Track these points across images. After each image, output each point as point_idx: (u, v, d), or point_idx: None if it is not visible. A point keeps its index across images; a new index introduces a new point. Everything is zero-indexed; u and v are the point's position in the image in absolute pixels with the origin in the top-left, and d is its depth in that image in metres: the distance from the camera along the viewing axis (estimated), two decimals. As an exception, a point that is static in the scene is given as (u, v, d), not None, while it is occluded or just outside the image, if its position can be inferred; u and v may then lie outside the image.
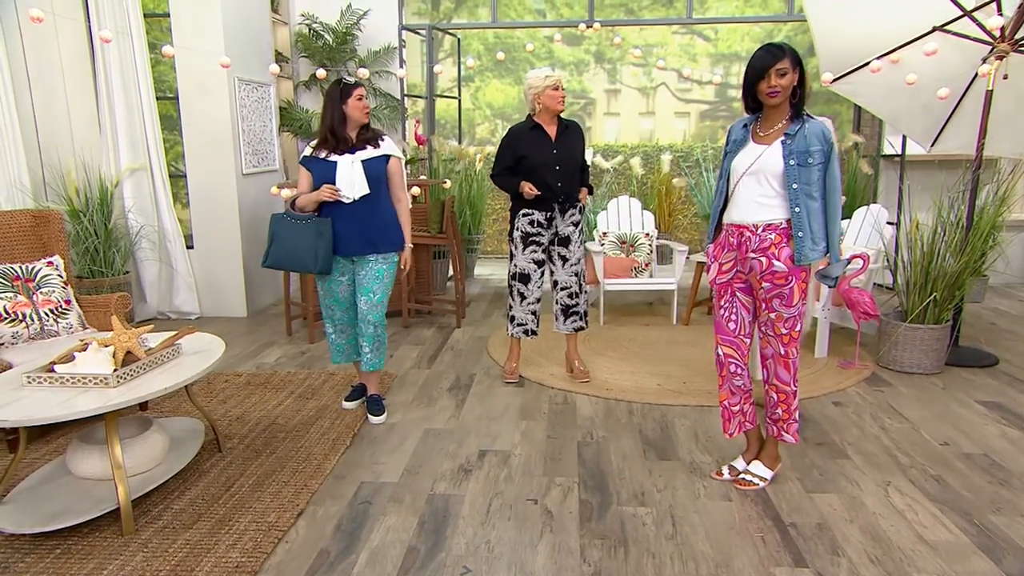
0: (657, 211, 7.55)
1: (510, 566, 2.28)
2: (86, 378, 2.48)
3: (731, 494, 2.74)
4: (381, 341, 3.44)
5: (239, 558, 2.31)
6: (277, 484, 2.81)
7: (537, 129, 3.75)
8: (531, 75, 3.73)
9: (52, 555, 2.31)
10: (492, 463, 3.02)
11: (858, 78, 4.76)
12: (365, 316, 3.36)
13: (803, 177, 2.49)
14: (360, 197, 3.26)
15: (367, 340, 3.40)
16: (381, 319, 3.40)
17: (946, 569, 2.24)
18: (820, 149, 2.49)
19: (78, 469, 2.60)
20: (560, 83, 3.66)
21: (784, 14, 6.88)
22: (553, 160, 3.73)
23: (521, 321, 3.96)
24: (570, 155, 3.78)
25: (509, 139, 3.83)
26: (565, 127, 3.79)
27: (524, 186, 3.68)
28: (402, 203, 3.46)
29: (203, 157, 5.36)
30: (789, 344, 2.64)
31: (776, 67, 2.44)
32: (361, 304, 3.37)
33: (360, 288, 3.37)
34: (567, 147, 3.77)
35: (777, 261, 2.55)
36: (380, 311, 3.38)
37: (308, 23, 6.22)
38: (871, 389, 3.89)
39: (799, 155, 2.48)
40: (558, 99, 3.66)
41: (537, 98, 3.69)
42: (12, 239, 3.65)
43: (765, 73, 2.45)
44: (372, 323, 3.37)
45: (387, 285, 3.40)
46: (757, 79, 2.49)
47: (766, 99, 2.49)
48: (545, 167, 3.72)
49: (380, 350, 3.46)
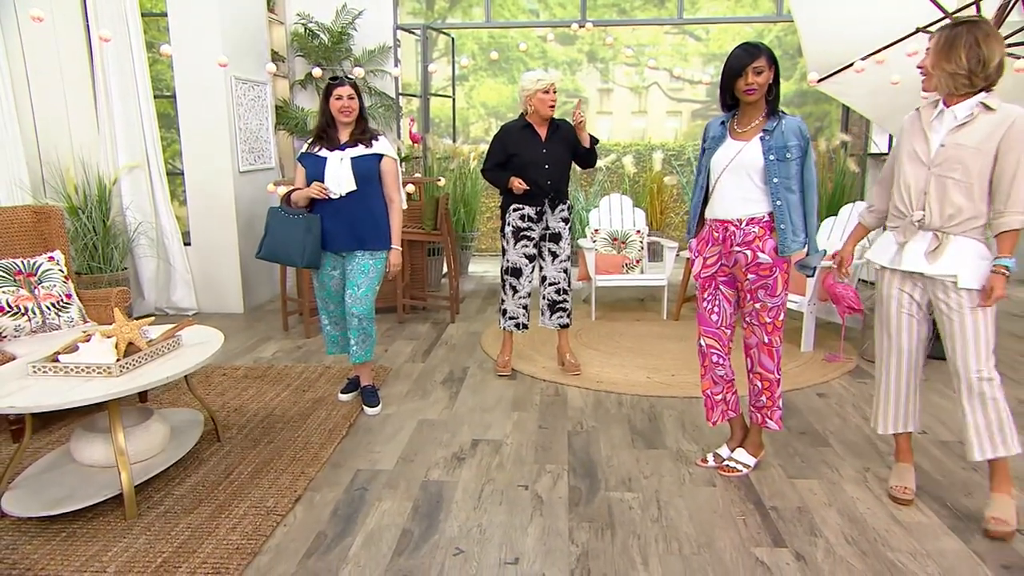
0: (648, 209, 7.66)
1: (501, 547, 2.37)
2: (90, 367, 2.56)
3: (715, 480, 2.83)
4: (367, 333, 3.51)
5: (239, 540, 2.39)
6: (275, 472, 2.90)
7: (528, 128, 3.84)
8: (525, 77, 3.82)
9: (58, 538, 2.39)
10: (484, 452, 3.11)
11: (844, 78, 4.86)
12: (349, 309, 3.43)
13: (782, 171, 2.59)
14: (348, 194, 3.34)
15: (353, 333, 3.48)
16: (366, 312, 3.45)
17: (918, 548, 2.34)
18: (797, 144, 2.58)
19: (82, 456, 2.68)
20: (552, 87, 3.74)
21: (773, 15, 6.99)
22: (542, 158, 3.82)
23: (513, 315, 4.04)
24: (560, 153, 3.86)
25: (500, 136, 3.92)
26: (556, 127, 3.87)
27: (513, 181, 3.77)
28: (395, 203, 3.51)
29: (200, 155, 5.43)
30: (773, 332, 2.74)
31: (753, 65, 2.53)
32: (346, 297, 3.44)
33: (347, 281, 3.46)
34: (557, 146, 3.85)
35: (762, 253, 2.64)
36: (365, 304, 3.43)
37: (304, 22, 6.29)
38: (854, 381, 3.99)
39: (777, 150, 2.58)
40: (548, 103, 3.74)
41: (529, 100, 3.77)
42: (14, 234, 3.72)
43: (742, 71, 2.55)
44: (356, 316, 3.43)
45: (372, 279, 3.45)
46: (734, 77, 2.58)
47: (743, 96, 2.59)
48: (534, 165, 3.81)
49: (367, 343, 3.53)
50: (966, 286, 2.36)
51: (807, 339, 4.50)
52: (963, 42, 2.29)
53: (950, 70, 2.32)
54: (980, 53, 2.27)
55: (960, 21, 2.35)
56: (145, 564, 2.25)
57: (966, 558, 2.28)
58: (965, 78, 2.31)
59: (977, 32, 2.29)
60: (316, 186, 3.33)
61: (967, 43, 2.28)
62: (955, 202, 2.36)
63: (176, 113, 5.45)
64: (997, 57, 2.28)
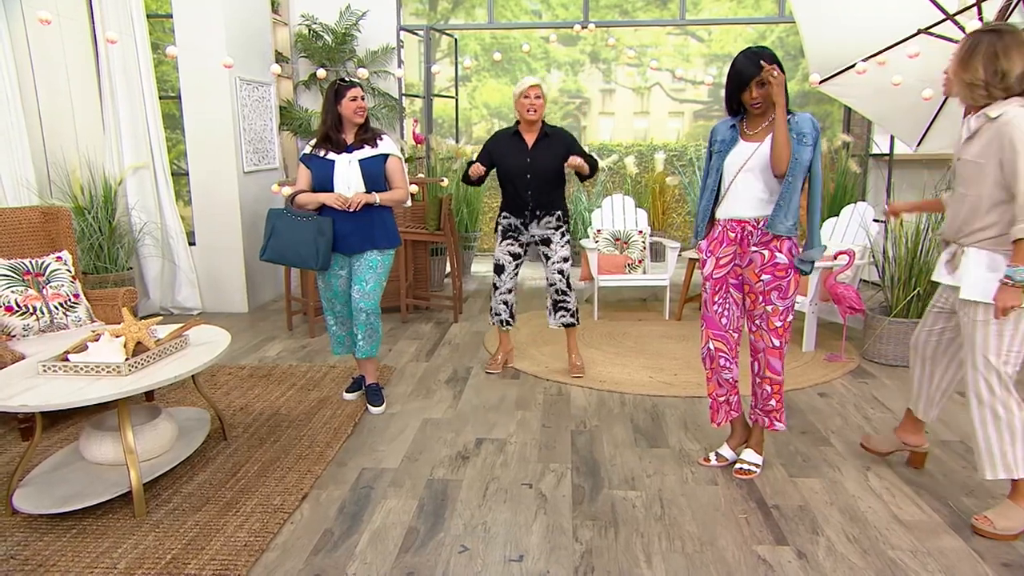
0: (650, 209, 7.69)
1: (506, 544, 2.40)
2: (99, 366, 2.59)
3: (717, 479, 2.86)
4: (374, 328, 3.55)
5: (247, 537, 2.42)
6: (281, 470, 2.92)
7: (516, 136, 3.86)
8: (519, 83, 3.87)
9: (68, 535, 2.42)
10: (488, 450, 3.14)
11: (845, 79, 4.88)
12: (357, 304, 3.46)
13: (797, 152, 2.57)
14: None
15: (360, 327, 3.51)
16: (373, 307, 3.49)
17: (918, 546, 2.37)
18: (811, 133, 2.58)
19: (91, 454, 2.71)
20: (532, 90, 3.72)
21: (775, 16, 7.01)
22: (525, 168, 3.82)
23: (496, 311, 4.10)
24: (545, 165, 3.83)
25: (489, 141, 3.99)
26: (545, 135, 3.84)
27: (472, 169, 3.79)
28: (403, 191, 3.51)
29: (205, 155, 5.46)
30: (782, 335, 2.75)
31: (756, 79, 2.55)
32: (354, 292, 3.47)
33: (354, 278, 3.48)
34: (543, 156, 3.82)
35: (780, 254, 2.66)
36: (372, 300, 3.48)
37: (308, 24, 6.32)
38: (856, 381, 4.01)
39: (795, 135, 2.57)
40: (527, 107, 3.75)
41: (516, 107, 3.84)
42: (22, 235, 3.75)
43: (746, 85, 2.57)
44: (364, 311, 3.47)
45: (380, 275, 3.49)
46: (739, 89, 2.60)
47: (750, 108, 2.62)
48: (517, 175, 3.84)
49: (373, 338, 3.56)
50: (966, 297, 2.36)
51: (809, 339, 4.52)
52: (982, 52, 2.25)
53: (967, 80, 2.30)
54: (998, 65, 2.23)
55: (986, 29, 2.32)
56: (155, 560, 2.28)
57: (966, 556, 2.31)
58: (982, 89, 2.28)
59: (998, 43, 2.24)
60: (337, 198, 3.33)
61: (986, 54, 2.25)
62: (962, 214, 2.37)
63: (181, 114, 5.48)
64: (1019, 68, 2.22)
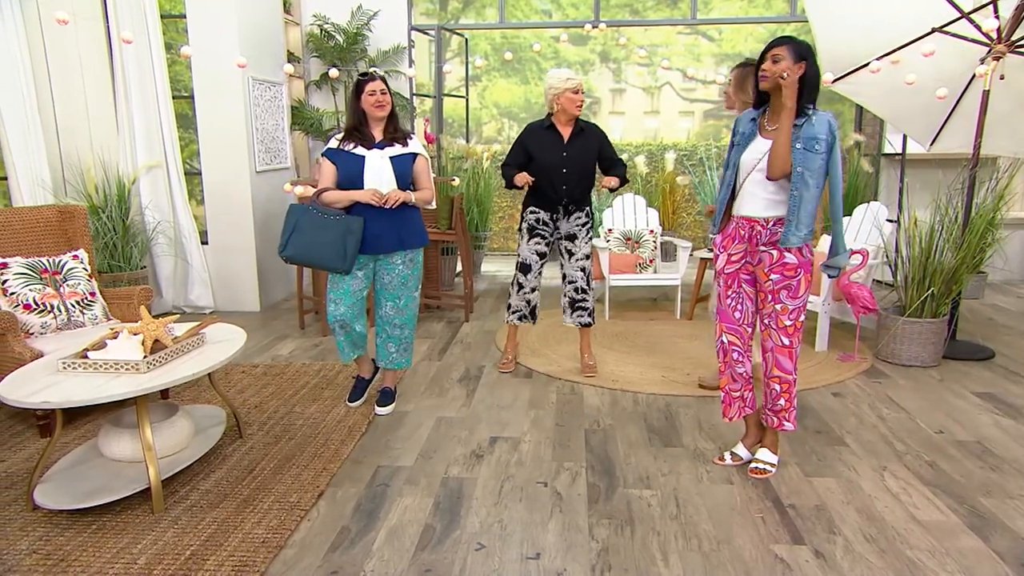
0: (661, 208, 7.67)
1: (522, 542, 2.41)
2: (118, 364, 2.61)
3: (733, 478, 2.86)
4: (408, 342, 3.55)
5: (264, 534, 2.43)
6: (297, 467, 2.94)
7: (551, 129, 3.80)
8: (552, 75, 3.76)
9: (89, 530, 2.44)
10: (503, 449, 3.15)
11: (859, 78, 4.86)
12: (392, 319, 3.45)
13: (807, 162, 2.56)
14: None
15: (394, 341, 3.51)
16: (409, 321, 3.50)
17: (936, 546, 2.36)
18: (825, 139, 2.57)
19: (110, 451, 2.73)
20: (581, 87, 3.71)
21: (787, 15, 6.99)
22: (561, 163, 3.78)
23: (516, 308, 4.08)
24: (581, 159, 3.80)
25: (523, 135, 3.90)
26: (580, 129, 3.81)
27: (517, 178, 3.73)
28: (430, 191, 3.43)
29: (218, 155, 5.48)
30: (793, 335, 2.74)
31: (772, 52, 2.56)
32: (387, 308, 3.45)
33: (385, 294, 3.43)
34: (579, 150, 3.80)
35: (789, 254, 2.66)
36: (408, 314, 3.48)
37: (319, 24, 6.34)
38: (870, 381, 4.00)
39: (806, 140, 2.56)
40: (577, 103, 3.71)
41: (556, 99, 3.73)
42: (39, 233, 3.78)
43: (764, 57, 2.58)
44: (399, 326, 3.49)
45: (411, 288, 3.47)
46: (758, 65, 2.61)
47: (760, 83, 2.61)
48: (553, 169, 3.78)
49: (407, 350, 3.57)
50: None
51: (821, 339, 4.51)
52: None
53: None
54: None
55: None
56: (174, 556, 2.29)
57: (986, 557, 2.30)
58: None
59: None
60: (373, 194, 3.18)
61: None
62: None
63: (194, 113, 5.50)
64: None
